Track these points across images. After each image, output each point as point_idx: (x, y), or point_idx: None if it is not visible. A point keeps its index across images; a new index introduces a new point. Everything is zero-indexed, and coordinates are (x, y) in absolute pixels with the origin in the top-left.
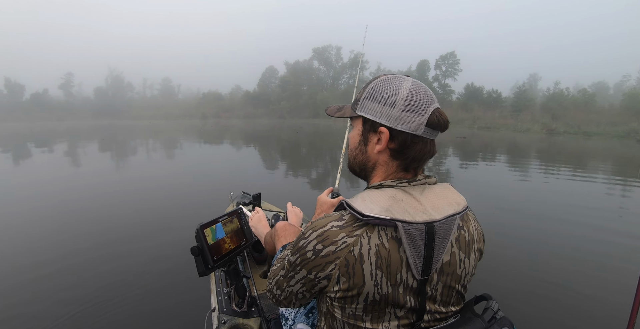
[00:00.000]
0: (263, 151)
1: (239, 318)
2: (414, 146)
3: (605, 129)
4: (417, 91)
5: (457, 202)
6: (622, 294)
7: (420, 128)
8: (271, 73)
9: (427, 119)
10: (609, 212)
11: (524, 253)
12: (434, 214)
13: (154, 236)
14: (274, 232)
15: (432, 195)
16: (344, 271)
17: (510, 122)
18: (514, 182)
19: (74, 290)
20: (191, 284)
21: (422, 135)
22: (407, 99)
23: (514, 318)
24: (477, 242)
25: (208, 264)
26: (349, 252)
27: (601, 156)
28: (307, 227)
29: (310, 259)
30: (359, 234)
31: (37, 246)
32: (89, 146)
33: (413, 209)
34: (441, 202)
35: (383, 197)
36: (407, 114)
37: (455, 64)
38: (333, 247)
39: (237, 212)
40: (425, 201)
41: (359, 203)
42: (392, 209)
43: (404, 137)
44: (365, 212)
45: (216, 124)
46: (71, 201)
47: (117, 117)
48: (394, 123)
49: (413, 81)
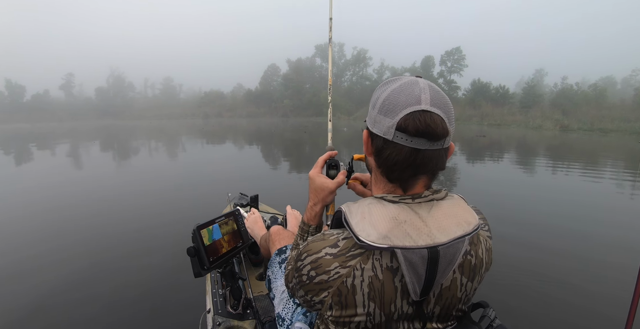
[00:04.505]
0: (276, 152)
1: (234, 320)
2: (384, 151)
3: (619, 126)
4: (401, 90)
5: (467, 221)
6: (621, 293)
7: (390, 132)
8: (273, 71)
9: (397, 121)
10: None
11: (520, 258)
12: (439, 237)
13: (150, 236)
14: (269, 237)
15: (439, 214)
16: (337, 300)
17: (520, 119)
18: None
19: (69, 290)
20: (186, 285)
21: (394, 140)
22: (385, 100)
23: (510, 326)
24: (486, 265)
25: (204, 265)
26: (342, 283)
27: (628, 154)
28: (303, 248)
29: (305, 282)
30: (353, 265)
31: (33, 247)
32: (85, 148)
33: (416, 232)
34: (449, 222)
35: (384, 219)
36: (380, 116)
37: (461, 59)
38: (325, 276)
39: (234, 213)
40: (431, 221)
41: (359, 221)
42: (391, 235)
43: (378, 141)
44: (361, 238)
45: (219, 123)
46: (68, 203)
47: (118, 117)
48: (371, 125)
49: (412, 81)
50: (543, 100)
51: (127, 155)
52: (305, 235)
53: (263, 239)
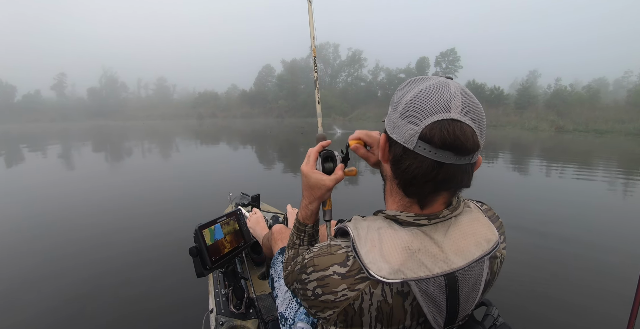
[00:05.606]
0: (276, 152)
1: (237, 320)
2: (403, 162)
3: (614, 127)
4: (428, 93)
5: (487, 239)
6: (622, 296)
7: (412, 140)
8: (268, 72)
9: (420, 129)
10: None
11: (525, 256)
12: (456, 261)
13: (152, 236)
14: (270, 236)
15: (457, 234)
16: (342, 319)
17: (515, 120)
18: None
19: (72, 290)
20: (189, 285)
21: (416, 150)
22: (408, 102)
23: (514, 322)
24: (498, 275)
25: (206, 265)
26: (349, 305)
27: (625, 155)
28: (310, 261)
29: (310, 298)
30: (361, 289)
31: (37, 247)
32: (83, 149)
33: (431, 260)
34: (467, 242)
35: (396, 249)
36: (401, 121)
37: (456, 60)
38: (332, 297)
39: (235, 213)
40: (447, 245)
41: (368, 250)
42: (404, 268)
43: (396, 148)
44: (372, 272)
45: (213, 124)
46: (69, 204)
47: (111, 117)
48: (391, 129)
49: (442, 83)
50: (537, 101)
51: (125, 156)
52: (302, 235)
53: (265, 238)
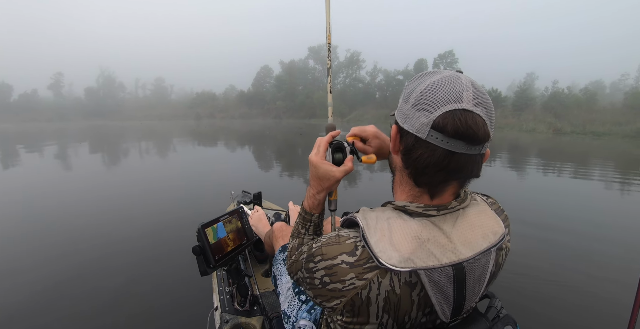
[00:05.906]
0: (275, 152)
1: (242, 317)
2: (414, 151)
3: (611, 129)
4: (440, 85)
5: (493, 231)
6: (624, 292)
7: (424, 130)
8: (266, 72)
9: (433, 119)
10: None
11: (529, 250)
12: (464, 252)
13: (156, 236)
14: (272, 233)
15: (465, 225)
16: (349, 308)
17: (513, 122)
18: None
19: (76, 289)
20: (193, 283)
21: (428, 139)
22: (421, 93)
23: (516, 315)
24: (502, 266)
25: (210, 264)
26: (356, 294)
27: (623, 156)
28: (317, 250)
29: (317, 286)
30: (370, 278)
31: (37, 247)
32: (74, 148)
33: (440, 250)
34: (475, 234)
35: (405, 238)
36: (414, 111)
37: (454, 62)
38: (340, 285)
39: (237, 211)
40: (455, 235)
41: (378, 240)
42: (414, 257)
43: (408, 138)
44: (382, 260)
45: (211, 124)
46: (69, 204)
47: (108, 117)
48: (402, 120)
49: (454, 76)
50: (535, 103)
51: (124, 156)
52: (308, 224)
53: (267, 235)
